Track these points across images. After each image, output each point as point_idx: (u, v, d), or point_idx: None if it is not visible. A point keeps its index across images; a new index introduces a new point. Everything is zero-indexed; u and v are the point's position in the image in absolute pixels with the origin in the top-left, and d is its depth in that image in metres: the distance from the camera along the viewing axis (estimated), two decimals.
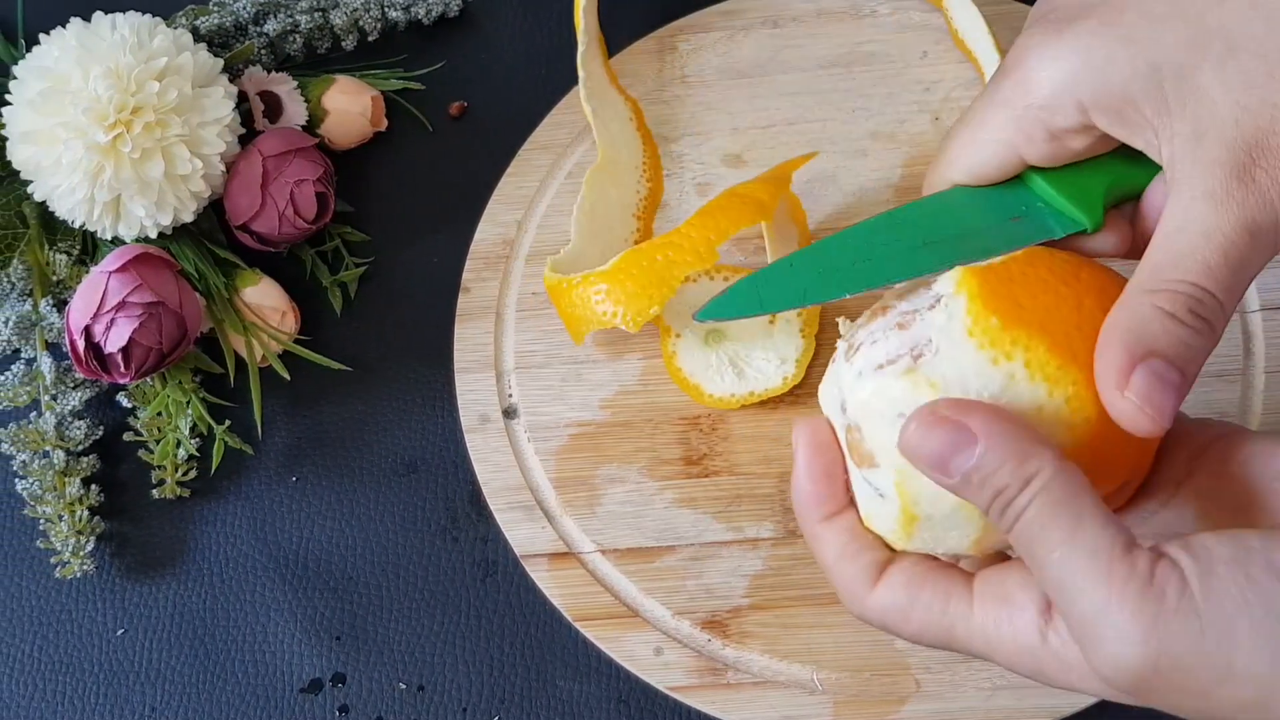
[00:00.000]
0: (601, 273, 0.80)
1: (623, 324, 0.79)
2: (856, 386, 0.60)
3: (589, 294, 0.80)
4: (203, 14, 0.93)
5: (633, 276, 0.79)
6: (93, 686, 0.86)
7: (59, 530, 0.86)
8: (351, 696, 0.85)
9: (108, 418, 0.91)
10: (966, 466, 0.54)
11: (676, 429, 0.86)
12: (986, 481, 0.54)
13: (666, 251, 0.79)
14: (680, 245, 0.79)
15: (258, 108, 0.92)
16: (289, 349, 0.89)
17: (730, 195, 0.82)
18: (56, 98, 0.83)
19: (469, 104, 0.96)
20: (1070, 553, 0.53)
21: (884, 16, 0.93)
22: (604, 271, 0.80)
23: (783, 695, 0.81)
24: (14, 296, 0.89)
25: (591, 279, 0.80)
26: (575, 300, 0.81)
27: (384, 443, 0.90)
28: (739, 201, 0.81)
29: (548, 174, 0.92)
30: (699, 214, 0.81)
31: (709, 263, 0.79)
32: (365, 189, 0.95)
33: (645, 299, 0.79)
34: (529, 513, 0.85)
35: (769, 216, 0.81)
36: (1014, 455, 0.54)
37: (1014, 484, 0.54)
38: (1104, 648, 0.52)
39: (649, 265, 0.79)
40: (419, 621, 0.86)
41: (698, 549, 0.84)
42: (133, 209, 0.85)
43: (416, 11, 0.96)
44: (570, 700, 0.83)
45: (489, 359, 0.89)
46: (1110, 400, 0.56)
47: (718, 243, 0.79)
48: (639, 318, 0.79)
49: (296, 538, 0.88)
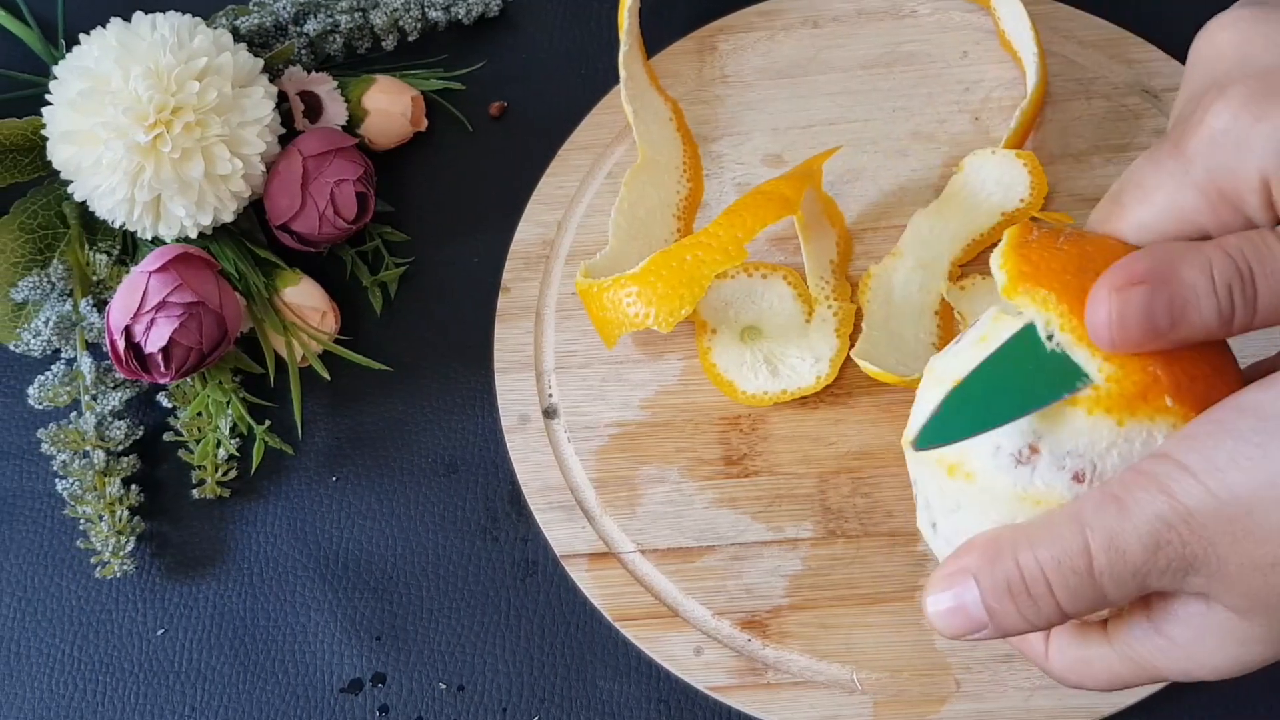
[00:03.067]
0: (632, 275, 0.80)
1: (655, 325, 0.78)
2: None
3: (620, 297, 0.80)
4: (243, 14, 0.92)
5: (663, 277, 0.79)
6: (133, 686, 0.85)
7: (99, 530, 0.85)
8: (391, 696, 0.83)
9: (148, 418, 0.89)
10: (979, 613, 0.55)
11: (717, 429, 0.85)
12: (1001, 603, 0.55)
13: (695, 251, 0.79)
14: (709, 244, 0.79)
15: (298, 108, 0.91)
16: (329, 349, 0.88)
17: (756, 193, 0.81)
18: (97, 98, 0.82)
19: (509, 104, 0.96)
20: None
21: (924, 16, 0.92)
22: (634, 274, 0.80)
23: (822, 695, 0.79)
24: (54, 296, 0.88)
25: (622, 281, 0.80)
26: (606, 304, 0.80)
27: (424, 443, 0.88)
28: (764, 198, 0.80)
29: (588, 174, 0.92)
30: (726, 213, 0.80)
31: (738, 260, 0.78)
32: (405, 189, 0.94)
33: (676, 299, 0.78)
34: (569, 513, 0.84)
35: (795, 210, 0.80)
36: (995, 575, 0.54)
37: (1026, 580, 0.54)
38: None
39: (679, 266, 0.79)
40: (459, 621, 0.84)
41: (738, 549, 0.82)
42: (173, 209, 0.84)
43: (457, 11, 0.96)
44: (610, 700, 0.82)
45: (529, 359, 0.88)
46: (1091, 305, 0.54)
47: (746, 240, 0.79)
48: (671, 318, 0.78)
49: (336, 538, 0.87)
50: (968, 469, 0.56)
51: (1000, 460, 0.55)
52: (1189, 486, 0.51)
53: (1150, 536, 0.51)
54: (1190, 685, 0.77)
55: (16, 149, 0.89)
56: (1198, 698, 0.78)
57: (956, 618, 0.56)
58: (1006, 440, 0.55)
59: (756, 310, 0.85)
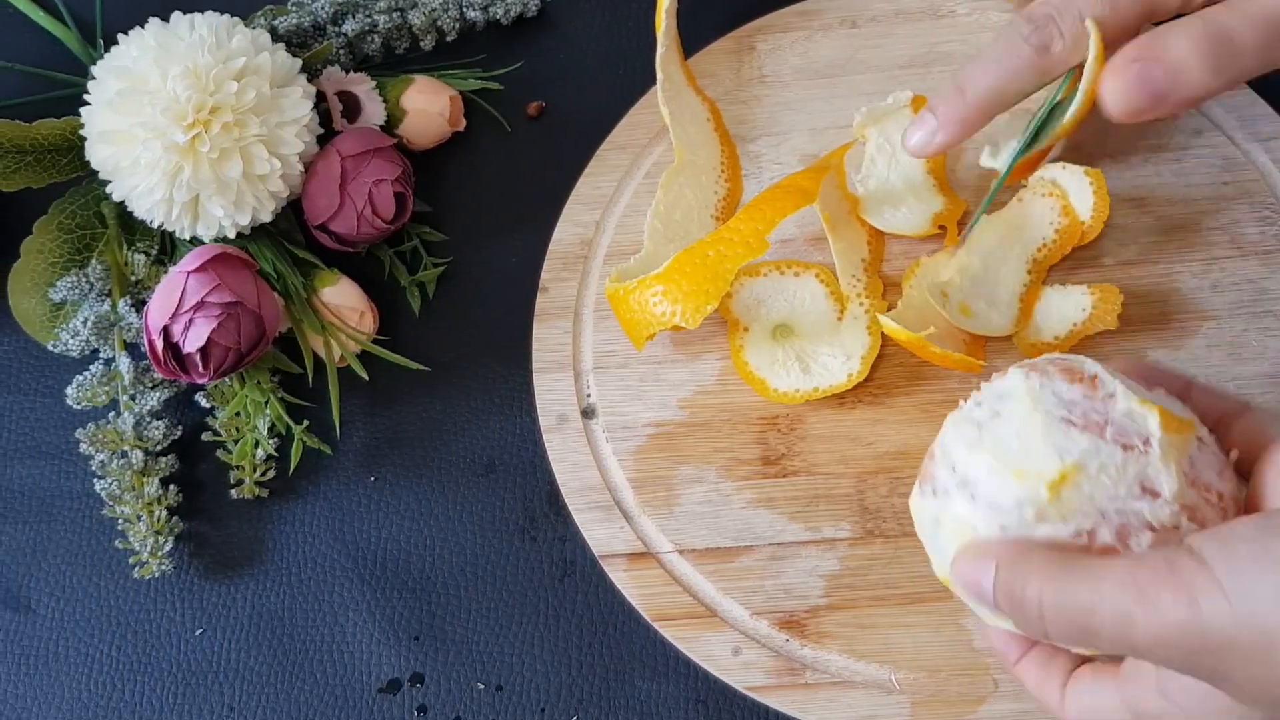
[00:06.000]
0: (656, 275, 0.79)
1: (682, 321, 0.78)
2: None
3: (646, 297, 0.79)
4: (281, 14, 0.91)
5: (687, 275, 0.78)
6: (171, 686, 0.84)
7: (137, 530, 0.84)
8: (430, 696, 0.82)
9: (186, 418, 0.89)
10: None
11: (754, 429, 0.84)
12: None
13: (718, 247, 0.79)
14: (730, 239, 0.79)
15: (336, 108, 0.90)
16: (367, 349, 0.88)
17: (774, 187, 0.82)
18: (135, 98, 0.81)
19: (547, 104, 0.95)
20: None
21: (962, 17, 0.92)
22: (658, 274, 0.79)
23: (860, 695, 0.78)
24: (92, 296, 0.87)
25: (648, 282, 0.79)
26: (634, 305, 0.80)
27: (462, 443, 0.88)
28: (782, 191, 0.81)
29: (626, 174, 0.91)
30: (746, 208, 0.80)
31: (759, 252, 0.78)
32: (443, 189, 0.94)
33: (701, 295, 0.78)
34: (607, 513, 0.83)
35: (812, 200, 0.80)
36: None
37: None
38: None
39: (702, 262, 0.79)
40: (497, 621, 0.83)
41: (775, 549, 0.81)
42: (211, 209, 0.83)
43: (495, 11, 0.95)
44: (648, 700, 0.81)
45: (567, 359, 0.87)
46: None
47: (766, 232, 0.79)
48: (697, 314, 0.78)
49: (375, 538, 0.86)
50: None
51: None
52: (1217, 606, 0.51)
53: (1161, 638, 0.53)
54: None
55: (55, 149, 0.88)
56: None
57: (971, 587, 0.61)
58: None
59: (788, 308, 0.84)
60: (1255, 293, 0.83)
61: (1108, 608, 0.54)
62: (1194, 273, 0.84)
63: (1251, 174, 0.85)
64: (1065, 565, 0.56)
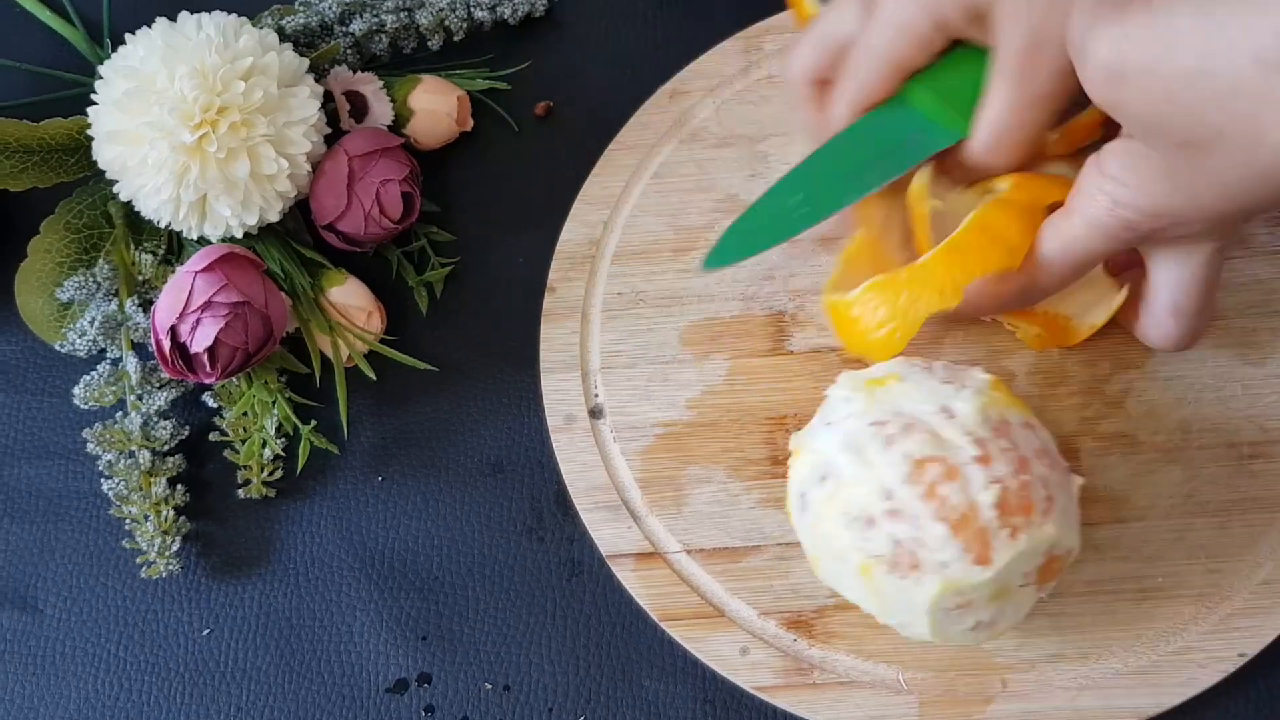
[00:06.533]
0: (848, 300, 0.75)
1: (873, 357, 0.74)
2: None
3: (848, 314, 0.75)
4: (288, 13, 0.91)
5: (875, 307, 0.74)
6: (178, 686, 0.84)
7: (145, 530, 0.84)
8: (437, 697, 0.82)
9: (193, 418, 0.88)
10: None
11: (763, 429, 0.84)
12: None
13: (911, 288, 0.73)
14: (925, 282, 0.72)
15: (343, 107, 0.90)
16: (375, 349, 0.87)
17: (981, 230, 0.73)
18: (142, 97, 0.81)
19: (555, 104, 0.95)
20: None
21: None
22: (849, 299, 0.75)
23: (869, 695, 0.78)
24: (100, 296, 0.87)
25: (844, 303, 0.75)
26: (840, 319, 0.76)
27: (470, 443, 0.87)
28: (988, 240, 0.73)
29: (634, 174, 0.91)
30: (947, 248, 0.73)
31: (952, 303, 0.72)
32: (451, 189, 0.93)
33: (891, 345, 0.73)
34: (615, 513, 0.83)
35: (1017, 263, 0.73)
36: None
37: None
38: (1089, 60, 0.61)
39: (893, 300, 0.73)
40: (505, 621, 0.83)
41: (783, 549, 0.81)
42: (218, 209, 0.83)
43: (502, 11, 0.95)
44: (656, 700, 0.81)
45: (575, 359, 0.87)
46: None
47: (964, 283, 0.72)
48: (882, 352, 0.74)
49: (382, 538, 0.86)
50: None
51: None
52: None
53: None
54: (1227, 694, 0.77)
55: (62, 149, 0.88)
56: (1241, 703, 0.78)
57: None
58: None
59: None
60: (1264, 293, 0.82)
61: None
62: None
63: None
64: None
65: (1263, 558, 0.77)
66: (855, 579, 0.68)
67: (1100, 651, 0.77)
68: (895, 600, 0.67)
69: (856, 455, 0.67)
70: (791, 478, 0.72)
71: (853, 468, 0.67)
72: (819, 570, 0.72)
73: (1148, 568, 0.78)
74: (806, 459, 0.70)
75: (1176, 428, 0.80)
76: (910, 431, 0.66)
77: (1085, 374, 0.82)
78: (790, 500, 0.72)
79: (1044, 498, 0.66)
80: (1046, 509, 0.66)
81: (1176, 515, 0.79)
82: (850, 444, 0.67)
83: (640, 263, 0.88)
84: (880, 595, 0.68)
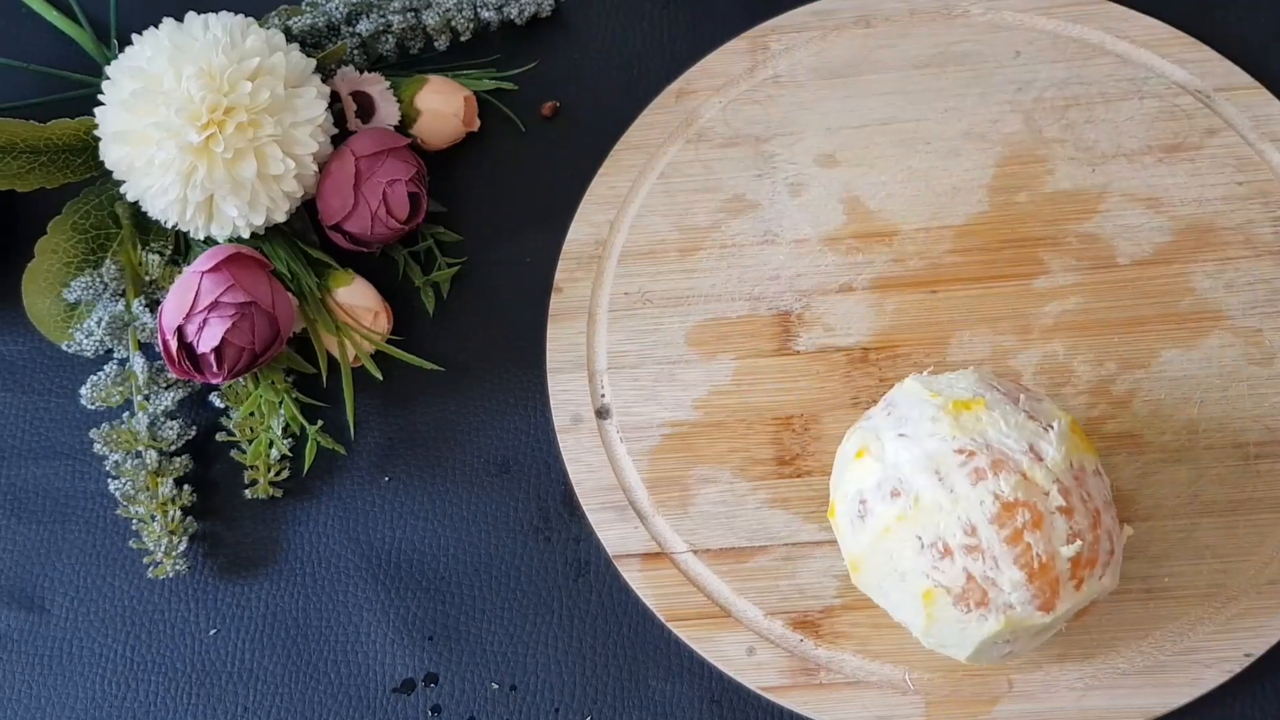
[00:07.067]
0: None
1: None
2: None
3: None
4: (295, 14, 0.91)
5: None
6: (185, 686, 0.84)
7: (151, 530, 0.84)
8: (444, 697, 0.82)
9: (200, 418, 0.88)
10: None
11: (769, 429, 0.84)
12: None
13: None
14: None
15: (350, 108, 0.90)
16: (381, 349, 0.87)
17: None
18: (149, 98, 0.81)
19: (561, 104, 0.95)
20: None
21: (976, 16, 0.91)
22: None
23: (875, 695, 0.78)
24: (107, 296, 0.87)
25: None
26: None
27: (476, 443, 0.87)
28: None
29: (640, 174, 0.90)
30: None
31: None
32: (458, 189, 0.93)
33: None
34: (621, 513, 0.83)
35: None
36: None
37: None
38: None
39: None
40: (511, 622, 0.83)
41: (790, 549, 0.81)
42: (225, 209, 0.83)
43: (509, 11, 0.94)
44: (663, 700, 0.81)
45: (581, 359, 0.87)
46: None
47: None
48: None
49: (389, 538, 0.86)
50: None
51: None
52: None
53: None
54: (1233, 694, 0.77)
55: (69, 149, 0.87)
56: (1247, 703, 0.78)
57: None
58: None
59: None
60: (1269, 292, 0.82)
61: None
62: (1208, 273, 0.83)
63: (1265, 174, 0.85)
64: None
65: (1269, 558, 0.77)
66: (912, 600, 0.68)
67: (1106, 651, 0.77)
68: (948, 628, 0.67)
69: (939, 481, 0.66)
70: (849, 479, 0.71)
71: (934, 492, 0.66)
72: (862, 577, 0.72)
73: (1154, 568, 0.78)
74: (874, 467, 0.69)
75: (1183, 428, 0.80)
76: (1000, 470, 0.66)
77: (1092, 374, 0.82)
78: (843, 502, 0.71)
79: (1108, 551, 0.67)
80: (1108, 562, 0.67)
81: (1183, 515, 0.78)
82: (932, 466, 0.66)
83: (647, 263, 0.88)
84: (935, 621, 0.67)
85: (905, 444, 0.68)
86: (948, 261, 0.85)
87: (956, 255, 0.85)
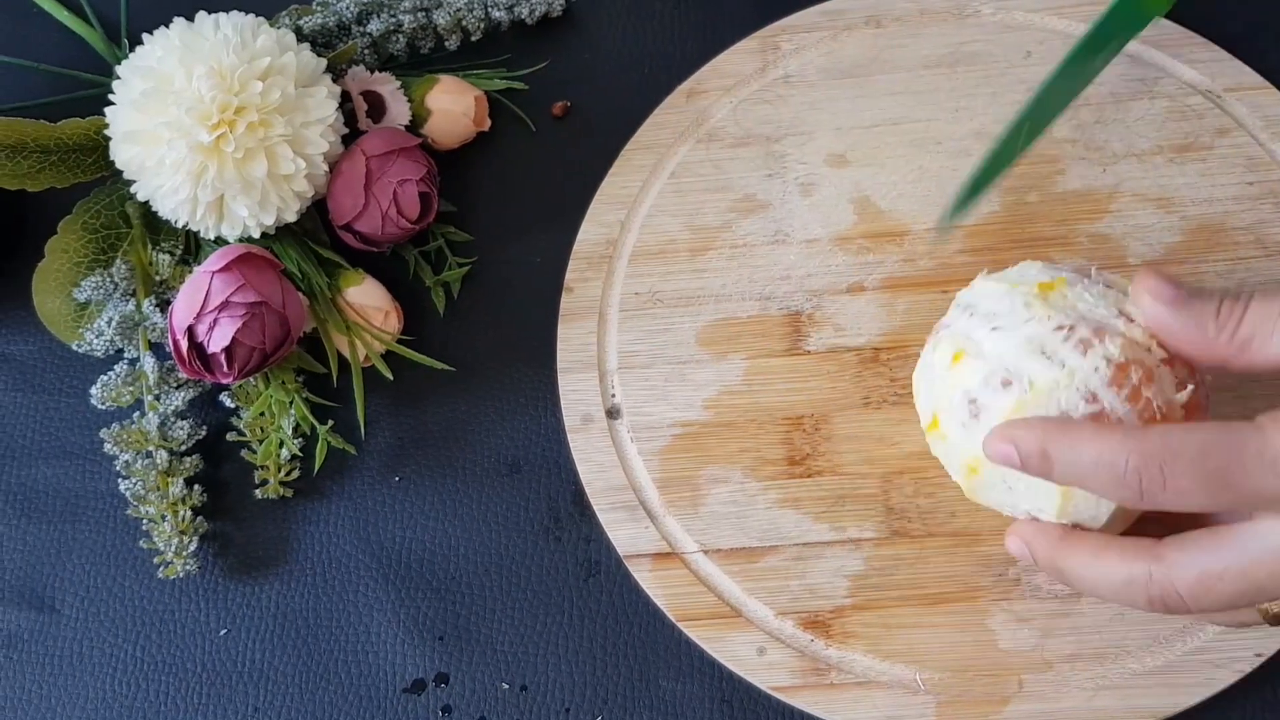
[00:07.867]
0: None
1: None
2: None
3: None
4: (306, 13, 0.91)
5: None
6: (196, 686, 0.84)
7: (162, 530, 0.84)
8: (454, 697, 0.82)
9: (210, 418, 0.88)
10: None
11: (780, 429, 0.83)
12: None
13: None
14: None
15: (361, 107, 0.89)
16: (392, 349, 0.87)
17: None
18: (159, 97, 0.81)
19: (572, 104, 0.94)
20: None
21: (987, 16, 0.91)
22: None
23: (886, 695, 0.78)
24: (117, 296, 0.87)
25: None
26: None
27: (487, 443, 0.87)
28: None
29: (651, 174, 0.90)
30: None
31: None
32: (468, 189, 0.93)
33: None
34: (632, 513, 0.83)
35: None
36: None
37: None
38: None
39: None
40: (522, 622, 0.83)
41: (800, 549, 0.81)
42: (236, 209, 0.82)
43: (520, 11, 0.94)
44: (673, 700, 0.80)
45: (592, 359, 0.86)
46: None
47: None
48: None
49: (399, 538, 0.85)
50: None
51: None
52: None
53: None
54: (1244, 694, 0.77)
55: (80, 149, 0.87)
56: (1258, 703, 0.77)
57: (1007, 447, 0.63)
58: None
59: None
60: None
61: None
62: (1219, 273, 0.83)
63: (1277, 174, 0.85)
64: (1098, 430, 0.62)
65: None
66: (1043, 481, 0.66)
67: (1117, 651, 0.76)
68: (1084, 499, 0.66)
69: (1049, 360, 0.65)
70: (949, 385, 0.69)
71: (1047, 371, 0.64)
72: (982, 479, 0.69)
73: None
74: (976, 366, 0.67)
75: None
76: (1103, 336, 0.65)
77: None
78: (949, 410, 0.69)
79: (1206, 396, 0.67)
80: (1207, 406, 0.67)
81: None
82: (1037, 348, 0.65)
83: (657, 263, 0.88)
84: (1070, 498, 0.66)
85: (1003, 335, 0.67)
86: (959, 261, 0.85)
87: (967, 255, 0.85)
